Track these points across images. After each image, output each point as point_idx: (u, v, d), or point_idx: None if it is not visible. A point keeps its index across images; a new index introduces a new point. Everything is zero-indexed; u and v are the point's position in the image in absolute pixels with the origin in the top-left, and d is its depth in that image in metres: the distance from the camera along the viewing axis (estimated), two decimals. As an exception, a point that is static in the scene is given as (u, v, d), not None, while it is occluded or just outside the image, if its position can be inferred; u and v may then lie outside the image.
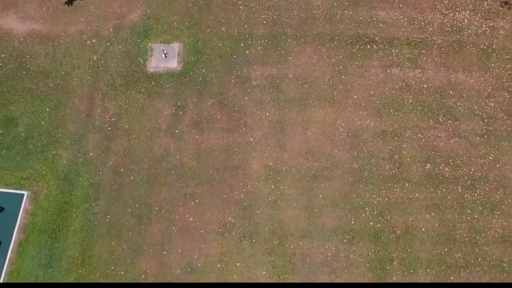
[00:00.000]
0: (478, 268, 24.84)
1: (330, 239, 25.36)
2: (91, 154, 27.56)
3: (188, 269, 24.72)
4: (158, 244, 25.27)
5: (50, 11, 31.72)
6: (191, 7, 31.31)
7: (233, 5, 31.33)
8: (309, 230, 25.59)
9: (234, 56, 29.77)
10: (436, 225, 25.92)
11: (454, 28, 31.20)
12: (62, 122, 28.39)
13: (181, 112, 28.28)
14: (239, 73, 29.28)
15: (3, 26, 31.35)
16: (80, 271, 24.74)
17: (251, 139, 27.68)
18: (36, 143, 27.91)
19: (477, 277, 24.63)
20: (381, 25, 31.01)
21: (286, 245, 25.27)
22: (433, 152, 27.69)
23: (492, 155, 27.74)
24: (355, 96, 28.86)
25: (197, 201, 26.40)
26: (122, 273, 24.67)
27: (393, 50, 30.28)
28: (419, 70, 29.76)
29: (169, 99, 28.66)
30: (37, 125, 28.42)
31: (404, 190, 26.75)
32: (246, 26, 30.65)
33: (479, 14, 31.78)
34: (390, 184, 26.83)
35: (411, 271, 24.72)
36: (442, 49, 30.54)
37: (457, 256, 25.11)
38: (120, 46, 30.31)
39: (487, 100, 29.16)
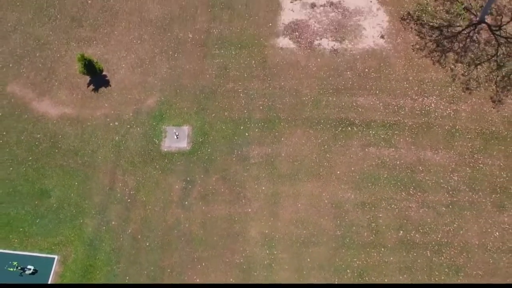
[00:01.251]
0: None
1: (317, 298, 29.49)
2: (113, 222, 32.14)
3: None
4: (170, 302, 29.37)
5: (79, 97, 37.25)
6: (199, 95, 36.82)
7: (234, 93, 36.84)
8: (299, 290, 29.78)
9: (235, 138, 34.90)
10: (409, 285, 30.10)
11: (423, 112, 36.47)
12: (88, 195, 33.13)
13: (190, 186, 33.06)
14: (239, 152, 34.30)
15: (39, 110, 36.76)
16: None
17: (250, 210, 32.31)
18: (66, 213, 32.55)
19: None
20: (360, 110, 36.33)
21: (279, 303, 29.37)
22: (405, 221, 32.22)
23: (456, 223, 32.25)
24: (338, 172, 33.70)
25: (203, 264, 30.72)
26: (139, 328, 28.66)
27: (370, 132, 35.40)
28: (393, 149, 34.73)
29: (180, 174, 33.52)
30: (67, 197, 33.15)
31: (380, 254, 31.08)
32: (245, 111, 36.00)
33: (444, 99, 37.18)
34: (368, 249, 31.20)
35: (387, 326, 28.64)
36: (413, 130, 35.66)
37: (426, 313, 29.11)
38: (138, 128, 35.51)
39: (451, 175, 33.94)
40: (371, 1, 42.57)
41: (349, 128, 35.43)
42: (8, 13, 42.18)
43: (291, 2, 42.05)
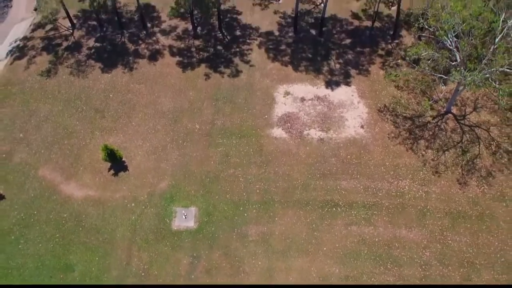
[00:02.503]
0: None
1: None
2: (128, 295, 36.15)
3: None
4: None
5: (101, 181, 42.41)
6: (204, 179, 41.99)
7: (235, 177, 42.04)
8: None
9: (236, 217, 39.65)
10: None
11: (398, 193, 41.39)
12: (107, 269, 37.35)
13: (196, 262, 37.34)
14: (239, 230, 38.91)
15: (66, 192, 41.78)
16: None
17: (248, 283, 36.41)
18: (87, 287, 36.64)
19: None
20: (343, 192, 41.32)
21: None
22: (383, 293, 36.19)
23: (428, 295, 36.18)
24: (325, 248, 38.09)
25: (206, 333, 34.44)
26: None
27: (352, 212, 40.15)
28: (372, 227, 39.31)
29: (187, 251, 37.92)
30: (88, 271, 37.32)
31: (362, 324, 34.83)
32: (244, 194, 41.01)
33: (417, 182, 42.19)
34: (351, 319, 34.98)
35: None
36: (389, 210, 40.39)
37: None
38: (152, 209, 40.35)
39: (424, 251, 38.20)
40: (352, 95, 48.88)
41: (334, 209, 40.21)
42: (41, 105, 48.42)
43: (283, 96, 48.34)
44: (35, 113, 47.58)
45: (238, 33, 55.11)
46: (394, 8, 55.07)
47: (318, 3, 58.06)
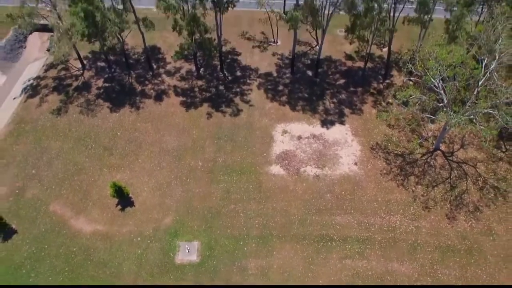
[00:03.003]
0: None
1: None
2: (134, 327, 37.57)
3: None
4: None
5: (109, 216, 44.33)
6: (207, 214, 43.93)
7: (235, 213, 43.99)
8: None
9: (236, 252, 41.40)
10: None
11: (390, 228, 43.22)
12: (114, 302, 38.90)
13: (198, 294, 38.97)
14: (239, 264, 40.59)
15: (76, 227, 43.63)
16: None
17: (247, 315, 37.94)
18: (95, 318, 38.11)
19: None
20: (338, 227, 43.17)
21: None
22: (376, 325, 37.62)
23: (419, 327, 37.59)
24: (320, 281, 39.67)
25: None
26: None
27: (347, 246, 41.91)
28: (366, 261, 40.98)
29: (190, 283, 39.53)
30: (96, 304, 38.88)
31: None
32: (244, 229, 42.89)
33: (407, 217, 44.07)
34: None
35: None
36: (382, 244, 42.13)
37: None
38: (157, 243, 42.12)
39: (415, 284, 39.81)
40: (346, 134, 51.30)
41: (329, 243, 41.99)
42: (52, 143, 50.75)
43: (281, 135, 50.75)
44: (47, 150, 49.80)
45: (238, 73, 58.04)
46: (386, 49, 58.07)
47: (314, 45, 61.17)
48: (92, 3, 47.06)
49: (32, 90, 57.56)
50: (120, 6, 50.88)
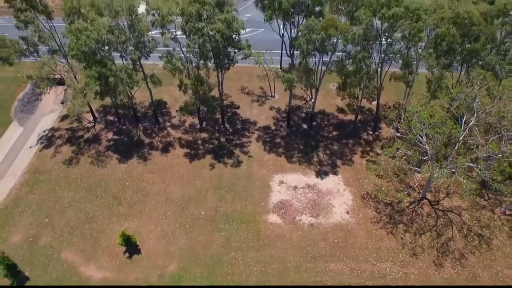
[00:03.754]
0: None
1: None
2: None
3: None
4: None
5: (117, 263, 46.24)
6: (209, 262, 45.79)
7: (235, 260, 45.88)
8: None
9: (236, 298, 43.17)
10: None
11: (380, 275, 45.01)
12: None
13: None
14: (239, 310, 42.32)
15: (86, 273, 45.44)
16: None
17: None
18: None
19: None
20: (331, 274, 45.00)
21: None
22: None
23: None
24: (315, 327, 41.26)
25: None
26: None
27: (340, 292, 43.71)
28: (358, 307, 42.70)
29: (192, 330, 41.10)
30: None
31: None
32: (244, 275, 44.71)
33: (397, 264, 45.93)
34: None
35: None
36: (373, 290, 43.95)
37: None
38: (162, 290, 43.93)
39: (404, 329, 41.35)
40: (338, 183, 53.91)
41: (324, 290, 43.80)
42: (65, 192, 53.25)
43: (278, 185, 53.37)
44: (60, 200, 52.24)
45: (238, 126, 61.29)
46: (375, 102, 61.52)
47: (308, 99, 64.75)
48: (105, 66, 50.73)
49: (47, 141, 60.61)
50: (131, 66, 54.50)
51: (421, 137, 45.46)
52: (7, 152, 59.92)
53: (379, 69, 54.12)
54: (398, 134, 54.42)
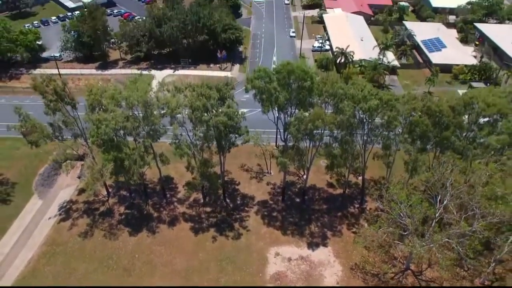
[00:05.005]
0: None
1: None
2: None
3: None
4: None
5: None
6: (211, 333, 47.53)
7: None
8: None
9: None
10: None
11: None
12: None
13: None
14: None
15: None
16: None
17: None
18: None
19: None
20: None
21: None
22: None
23: None
24: None
25: None
26: None
27: None
28: None
29: None
30: None
31: None
32: None
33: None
34: None
35: None
36: None
37: None
38: None
39: None
40: (329, 255, 56.47)
41: None
42: (79, 264, 55.52)
43: (274, 257, 55.88)
44: (75, 271, 54.41)
45: (238, 202, 64.73)
46: (361, 177, 65.38)
47: (301, 175, 68.71)
48: (121, 151, 55.10)
49: (65, 213, 63.63)
50: (143, 149, 58.80)
51: (401, 214, 48.81)
52: (27, 225, 62.69)
53: (363, 150, 58.58)
54: (382, 207, 57.82)
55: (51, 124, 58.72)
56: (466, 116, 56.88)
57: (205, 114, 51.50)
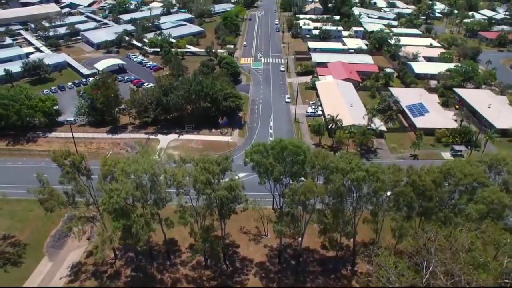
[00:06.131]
0: None
1: None
2: None
3: None
4: None
5: None
6: None
7: None
8: None
9: None
10: None
11: None
12: None
13: None
14: None
15: None
16: None
17: None
18: None
19: None
20: None
21: None
22: None
23: None
24: None
25: None
26: None
27: None
28: None
29: None
30: None
31: None
32: None
33: None
34: None
35: None
36: None
37: None
38: None
39: None
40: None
41: None
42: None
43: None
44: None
45: (238, 265, 66.15)
46: (352, 240, 67.22)
47: (296, 238, 70.57)
48: (130, 218, 57.53)
49: (73, 276, 64.66)
50: (149, 215, 61.21)
51: (390, 280, 50.42)
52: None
53: (353, 215, 61.06)
54: (371, 271, 59.41)
55: (66, 193, 61.47)
56: (446, 184, 59.98)
57: (208, 187, 54.49)
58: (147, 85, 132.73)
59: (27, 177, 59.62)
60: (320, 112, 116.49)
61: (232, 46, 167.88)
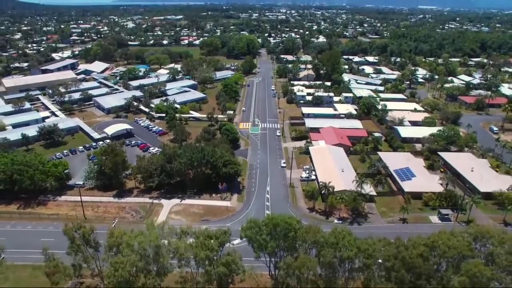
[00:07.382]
0: None
1: None
2: None
3: None
4: None
5: None
6: None
7: None
8: None
9: None
10: None
11: None
12: None
13: None
14: None
15: None
16: None
17: None
18: None
19: None
20: None
21: None
22: None
23: None
24: None
25: None
26: None
27: None
28: None
29: None
30: None
31: None
32: None
33: None
34: None
35: None
36: None
37: None
38: None
39: None
40: None
41: None
42: None
43: None
44: None
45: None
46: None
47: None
48: (133, 291, 57.58)
49: None
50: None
51: None
52: None
53: (345, 286, 61.18)
54: None
55: (74, 265, 61.93)
56: (432, 257, 60.70)
57: (207, 263, 55.38)
58: (153, 149, 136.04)
59: (35, 241, 60.19)
60: (313, 177, 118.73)
61: (231, 112, 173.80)
